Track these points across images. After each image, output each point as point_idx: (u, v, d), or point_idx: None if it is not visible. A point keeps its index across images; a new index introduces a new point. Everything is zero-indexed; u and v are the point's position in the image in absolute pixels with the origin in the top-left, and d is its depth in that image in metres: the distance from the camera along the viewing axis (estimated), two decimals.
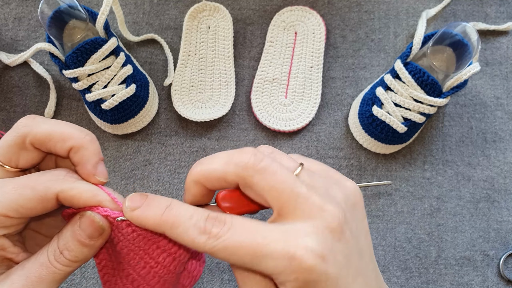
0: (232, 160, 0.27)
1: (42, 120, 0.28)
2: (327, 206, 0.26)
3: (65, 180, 0.28)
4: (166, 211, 0.27)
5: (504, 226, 0.58)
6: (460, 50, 0.52)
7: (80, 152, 0.28)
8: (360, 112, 0.57)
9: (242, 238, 0.25)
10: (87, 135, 0.29)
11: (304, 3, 0.62)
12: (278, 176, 0.26)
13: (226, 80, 0.60)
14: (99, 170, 0.29)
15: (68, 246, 0.28)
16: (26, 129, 0.28)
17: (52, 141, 0.28)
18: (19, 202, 0.27)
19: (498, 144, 0.60)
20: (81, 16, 0.52)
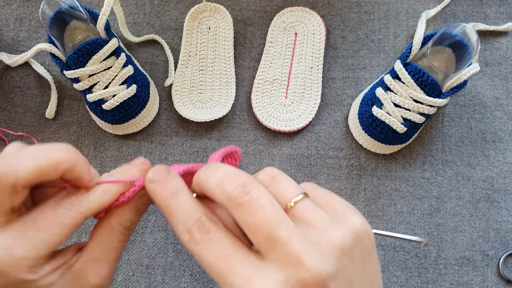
0: (222, 185, 0.27)
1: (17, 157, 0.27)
2: (307, 258, 0.24)
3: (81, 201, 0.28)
4: (170, 197, 0.28)
5: (504, 226, 0.58)
6: (460, 50, 0.52)
7: (74, 171, 0.28)
8: (360, 112, 0.57)
9: (214, 257, 0.25)
10: (69, 151, 0.28)
11: (304, 4, 0.63)
12: (259, 215, 0.25)
13: (227, 81, 0.60)
14: (93, 174, 0.30)
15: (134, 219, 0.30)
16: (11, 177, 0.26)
17: (43, 175, 0.26)
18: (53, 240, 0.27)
19: (498, 144, 0.60)
20: (82, 16, 0.52)
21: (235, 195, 0.26)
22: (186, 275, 0.56)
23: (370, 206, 0.58)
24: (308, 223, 0.26)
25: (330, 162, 0.59)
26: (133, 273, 0.56)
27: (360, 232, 0.26)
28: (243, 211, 0.25)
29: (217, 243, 0.26)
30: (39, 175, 0.26)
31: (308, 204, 0.27)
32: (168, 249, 0.57)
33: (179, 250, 0.57)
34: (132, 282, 0.56)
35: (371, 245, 0.27)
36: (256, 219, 0.25)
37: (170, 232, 0.57)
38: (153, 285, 0.56)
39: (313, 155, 0.59)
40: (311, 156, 0.59)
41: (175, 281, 0.56)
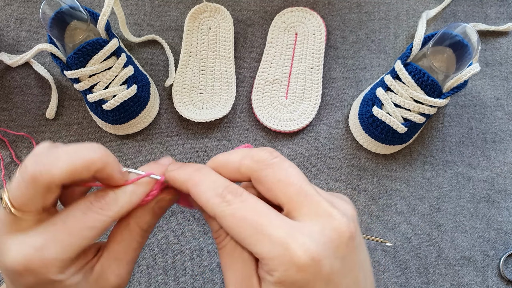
0: (249, 154, 0.28)
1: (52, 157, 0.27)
2: (336, 213, 0.26)
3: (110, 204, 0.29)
4: (195, 171, 0.29)
5: (504, 226, 0.58)
6: (460, 50, 0.52)
7: (105, 171, 0.28)
8: (360, 112, 0.57)
9: (250, 213, 0.26)
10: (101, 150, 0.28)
11: (304, 4, 0.63)
12: (288, 172, 0.27)
13: (227, 81, 0.60)
14: (124, 174, 0.30)
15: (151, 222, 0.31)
16: (47, 176, 0.26)
17: (77, 175, 0.27)
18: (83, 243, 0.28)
19: (498, 144, 0.60)
20: (82, 17, 0.52)
21: (266, 157, 0.28)
22: (186, 275, 0.56)
23: (371, 206, 0.58)
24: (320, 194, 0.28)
25: (331, 162, 0.59)
26: (133, 273, 0.56)
27: (355, 218, 0.29)
28: (274, 170, 0.27)
29: (251, 203, 0.27)
30: (73, 174, 0.26)
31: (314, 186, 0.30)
32: (169, 250, 0.57)
33: (179, 251, 0.57)
34: (133, 282, 0.56)
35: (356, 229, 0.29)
36: (287, 175, 0.27)
37: (170, 232, 0.57)
38: (153, 285, 0.56)
39: (313, 155, 0.59)
40: (312, 156, 0.59)
41: (175, 281, 0.56)
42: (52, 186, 0.26)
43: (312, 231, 0.25)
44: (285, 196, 0.27)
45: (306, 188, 0.27)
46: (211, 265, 0.57)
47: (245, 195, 0.27)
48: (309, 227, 0.25)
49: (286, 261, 0.24)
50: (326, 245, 0.25)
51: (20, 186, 0.26)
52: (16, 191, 0.26)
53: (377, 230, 0.58)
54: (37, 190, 0.26)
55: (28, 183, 0.26)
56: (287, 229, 0.25)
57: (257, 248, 0.25)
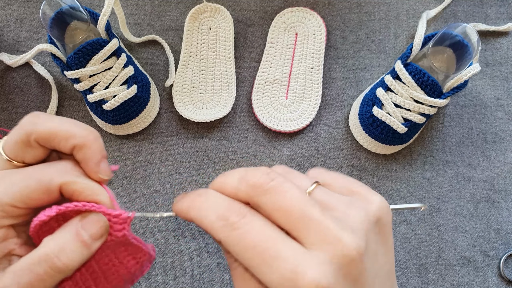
0: (245, 177, 0.26)
1: (47, 117, 0.28)
2: (344, 237, 0.24)
3: (69, 173, 0.28)
4: (196, 196, 0.28)
5: (505, 226, 0.58)
6: (460, 51, 0.52)
7: (83, 150, 0.28)
8: (360, 112, 0.57)
9: (257, 239, 0.24)
10: (90, 133, 0.29)
11: (304, 4, 0.63)
12: (288, 196, 0.25)
13: (227, 81, 0.60)
14: (102, 167, 0.29)
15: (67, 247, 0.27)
16: (30, 126, 0.28)
17: (56, 139, 0.28)
18: (25, 193, 0.27)
19: (498, 144, 0.60)
20: (82, 17, 0.52)
21: (262, 182, 0.26)
22: (186, 276, 0.56)
23: None
24: (328, 206, 0.26)
25: (331, 163, 0.59)
26: None
27: (380, 208, 0.27)
28: (271, 196, 0.25)
29: (257, 226, 0.25)
30: (52, 137, 0.28)
31: (324, 190, 0.27)
32: (169, 250, 0.57)
33: (180, 251, 0.57)
34: None
35: (390, 222, 0.27)
36: (286, 201, 0.25)
37: (170, 232, 0.57)
38: (153, 285, 0.56)
39: (313, 156, 0.59)
40: (312, 156, 0.59)
41: (175, 282, 0.56)
42: (31, 140, 0.28)
43: (321, 261, 0.24)
44: (287, 224, 0.25)
45: (309, 212, 0.25)
46: (211, 265, 0.57)
47: (249, 216, 0.25)
48: (318, 256, 0.24)
49: None
50: (337, 274, 0.24)
51: (12, 131, 0.28)
52: (8, 136, 0.29)
53: None
54: (19, 137, 0.28)
55: (17, 129, 0.28)
56: (296, 260, 0.24)
57: (266, 278, 0.24)
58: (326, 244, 0.24)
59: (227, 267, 0.57)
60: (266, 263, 0.24)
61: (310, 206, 0.25)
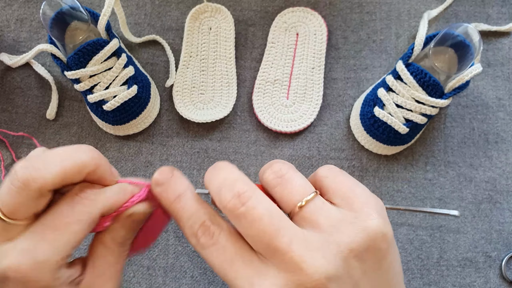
0: (220, 192, 0.27)
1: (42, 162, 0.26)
2: (306, 263, 0.24)
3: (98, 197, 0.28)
4: (174, 201, 0.29)
5: (506, 227, 0.58)
6: (462, 51, 0.51)
7: (98, 172, 0.28)
8: (361, 113, 0.57)
9: (218, 261, 0.26)
10: (93, 152, 0.28)
11: (305, 4, 0.62)
12: (255, 226, 0.25)
13: (228, 81, 0.60)
14: (114, 173, 0.31)
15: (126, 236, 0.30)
16: (38, 181, 0.25)
17: (69, 178, 0.27)
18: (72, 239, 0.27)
19: (500, 145, 0.60)
20: (83, 17, 0.52)
21: (231, 206, 0.26)
22: (187, 277, 0.56)
23: None
24: (316, 224, 0.26)
25: (332, 163, 0.59)
26: (134, 275, 0.56)
27: (374, 234, 0.26)
28: (240, 222, 0.26)
29: (221, 248, 0.26)
30: (65, 177, 0.26)
31: (319, 204, 0.27)
32: (169, 251, 0.57)
33: (180, 252, 0.57)
34: (133, 284, 0.56)
35: (386, 247, 0.26)
36: (253, 230, 0.25)
37: (171, 233, 0.57)
38: (154, 286, 0.56)
39: (314, 156, 0.59)
40: (313, 157, 0.59)
41: (176, 283, 0.56)
42: (44, 191, 0.26)
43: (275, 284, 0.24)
44: (254, 247, 0.26)
45: (275, 244, 0.25)
46: None
47: (216, 235, 0.27)
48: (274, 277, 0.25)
49: None
50: None
51: (11, 192, 0.25)
52: (6, 198, 0.25)
53: None
54: (29, 196, 0.25)
55: (19, 189, 0.25)
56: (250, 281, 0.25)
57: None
58: (286, 271, 0.24)
59: None
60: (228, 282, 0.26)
61: (278, 235, 0.25)
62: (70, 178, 0.27)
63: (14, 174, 0.25)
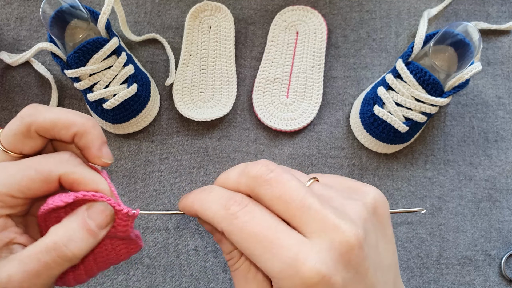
0: (245, 170, 0.27)
1: (45, 108, 0.29)
2: (343, 225, 0.25)
3: (68, 163, 0.29)
4: (201, 191, 0.29)
5: (506, 225, 0.58)
6: (462, 49, 0.51)
7: (85, 137, 0.29)
8: (361, 111, 0.57)
9: (259, 228, 0.25)
10: (89, 120, 0.29)
11: (305, 3, 0.62)
12: (288, 186, 0.26)
13: (228, 80, 0.60)
14: (104, 152, 0.30)
15: (75, 236, 0.27)
16: (30, 118, 0.28)
17: (57, 128, 0.28)
18: (23, 183, 0.27)
19: (500, 143, 0.60)
20: (82, 16, 0.52)
21: (262, 173, 0.26)
22: (187, 275, 0.56)
23: None
24: (326, 198, 0.27)
25: (332, 162, 0.59)
26: (134, 273, 0.56)
27: (375, 198, 0.27)
28: (271, 186, 0.26)
29: (259, 215, 0.26)
30: (52, 126, 0.28)
31: (320, 184, 0.28)
32: (169, 249, 0.57)
33: (180, 250, 0.57)
34: (133, 282, 0.56)
35: (387, 213, 0.28)
36: (286, 190, 0.26)
37: (171, 231, 0.57)
38: (154, 284, 0.56)
39: (314, 155, 0.59)
40: (313, 155, 0.59)
41: (176, 281, 0.56)
42: (31, 130, 0.28)
43: (321, 249, 0.24)
44: (287, 213, 0.26)
45: (308, 202, 0.25)
46: (212, 264, 0.57)
47: (250, 205, 0.26)
48: (318, 244, 0.24)
49: (297, 282, 0.24)
50: (337, 261, 0.24)
51: (10, 123, 0.29)
52: (6, 127, 0.29)
53: None
54: (19, 129, 0.28)
55: (15, 120, 0.28)
56: (296, 248, 0.24)
57: (267, 266, 0.25)
58: (325, 233, 0.24)
59: (227, 266, 0.57)
60: (267, 251, 0.24)
61: (309, 196, 0.25)
62: (57, 129, 0.29)
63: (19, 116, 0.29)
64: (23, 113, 0.28)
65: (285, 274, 0.24)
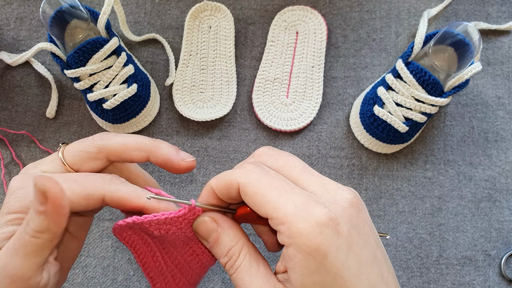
0: (257, 153, 0.31)
1: (114, 134, 0.31)
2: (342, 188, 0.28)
3: (112, 183, 0.30)
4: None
5: (506, 225, 0.58)
6: (462, 49, 0.51)
7: (159, 152, 0.31)
8: (361, 111, 0.57)
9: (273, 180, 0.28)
10: (155, 139, 0.32)
11: (305, 3, 0.62)
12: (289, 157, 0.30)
13: (228, 80, 0.60)
14: (183, 155, 0.32)
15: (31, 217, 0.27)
16: (103, 142, 0.31)
17: (128, 152, 0.31)
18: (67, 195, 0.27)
19: (500, 143, 0.60)
20: (82, 16, 0.52)
21: (265, 151, 0.31)
22: None
23: (372, 206, 0.58)
24: None
25: (332, 162, 0.59)
26: (133, 273, 0.56)
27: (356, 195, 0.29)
28: (276, 158, 0.30)
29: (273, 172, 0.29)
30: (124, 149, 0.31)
31: None
32: None
33: None
34: (133, 282, 0.56)
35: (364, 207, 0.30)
36: (289, 160, 0.30)
37: None
38: None
39: (314, 155, 0.59)
40: (313, 155, 0.59)
41: None
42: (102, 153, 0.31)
43: (326, 200, 0.27)
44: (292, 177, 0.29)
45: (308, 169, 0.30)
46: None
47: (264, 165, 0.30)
48: (323, 196, 0.27)
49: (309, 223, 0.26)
50: (341, 212, 0.27)
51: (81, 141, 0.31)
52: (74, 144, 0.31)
53: (378, 229, 0.58)
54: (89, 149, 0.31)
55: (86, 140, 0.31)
56: (307, 196, 0.27)
57: (281, 211, 0.26)
58: (328, 192, 0.28)
59: None
60: (282, 196, 0.27)
61: (308, 166, 0.30)
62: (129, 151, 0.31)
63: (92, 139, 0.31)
64: (96, 137, 0.31)
65: (297, 217, 0.26)
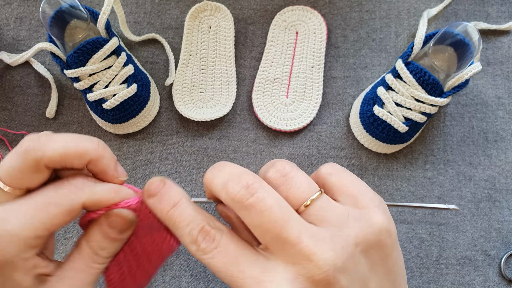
0: (227, 185, 0.26)
1: (49, 138, 0.27)
2: (316, 254, 0.24)
3: (84, 188, 0.28)
4: (171, 209, 0.28)
5: (506, 225, 0.58)
6: (462, 49, 0.51)
7: (100, 162, 0.28)
8: (361, 111, 0.57)
9: (222, 264, 0.26)
10: (99, 144, 0.29)
11: (305, 3, 0.62)
12: (266, 216, 0.25)
13: (227, 80, 0.60)
14: (120, 171, 0.30)
15: (102, 245, 0.28)
16: (38, 152, 0.26)
17: (69, 159, 0.27)
18: (47, 221, 0.26)
19: (500, 143, 0.60)
20: (82, 16, 0.52)
21: (240, 197, 0.25)
22: (186, 275, 0.56)
23: None
24: (324, 220, 0.26)
25: (331, 162, 0.59)
26: None
27: (379, 230, 0.26)
28: (249, 213, 0.25)
29: (223, 250, 0.26)
30: (64, 158, 0.27)
31: (324, 202, 0.27)
32: None
33: (180, 250, 0.57)
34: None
35: (392, 243, 0.26)
36: (263, 221, 0.25)
37: None
38: (153, 284, 0.56)
39: (314, 155, 0.59)
40: (312, 155, 0.59)
41: (175, 281, 0.56)
42: (41, 164, 0.26)
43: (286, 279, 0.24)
44: (262, 240, 0.26)
45: (285, 235, 0.25)
46: None
47: (217, 238, 0.26)
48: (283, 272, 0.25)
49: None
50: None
51: (11, 159, 0.26)
52: (5, 163, 0.26)
53: None
54: (26, 165, 0.26)
55: (19, 156, 0.26)
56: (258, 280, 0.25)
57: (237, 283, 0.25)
58: (294, 263, 0.24)
59: None
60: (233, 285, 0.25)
61: (288, 226, 0.25)
62: (69, 160, 0.27)
63: (20, 143, 0.27)
64: (27, 147, 0.26)
65: None
